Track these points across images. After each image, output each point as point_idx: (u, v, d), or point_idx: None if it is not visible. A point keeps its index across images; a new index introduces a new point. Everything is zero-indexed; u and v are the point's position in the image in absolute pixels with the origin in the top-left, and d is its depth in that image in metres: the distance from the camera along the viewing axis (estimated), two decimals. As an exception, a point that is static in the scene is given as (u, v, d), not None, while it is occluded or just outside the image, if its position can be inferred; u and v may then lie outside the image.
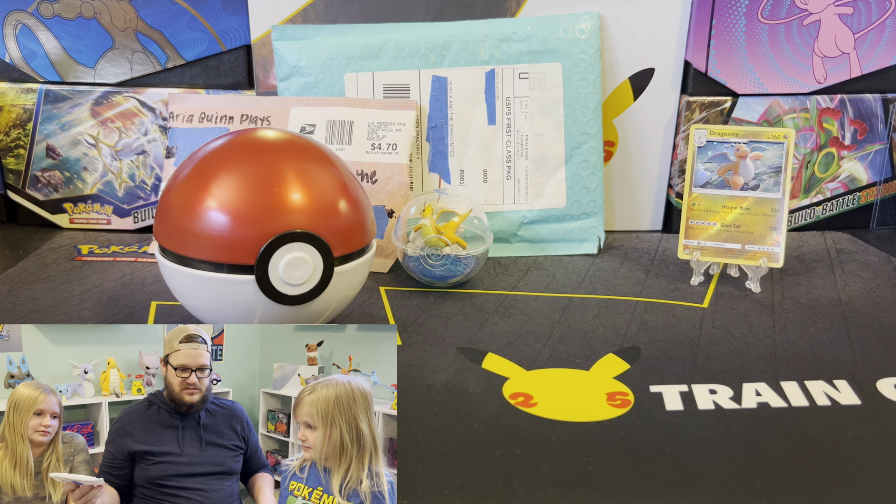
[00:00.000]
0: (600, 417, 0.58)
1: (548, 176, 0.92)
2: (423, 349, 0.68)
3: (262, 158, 0.63)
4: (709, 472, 0.51)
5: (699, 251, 0.83)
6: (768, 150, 0.81)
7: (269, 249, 0.61)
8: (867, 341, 0.71)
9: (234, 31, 0.93)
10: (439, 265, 0.79)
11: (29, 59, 0.94)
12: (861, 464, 0.53)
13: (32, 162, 0.97)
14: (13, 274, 0.84)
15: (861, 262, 0.92)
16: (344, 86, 0.90)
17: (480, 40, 0.90)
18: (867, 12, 0.94)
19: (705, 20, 0.92)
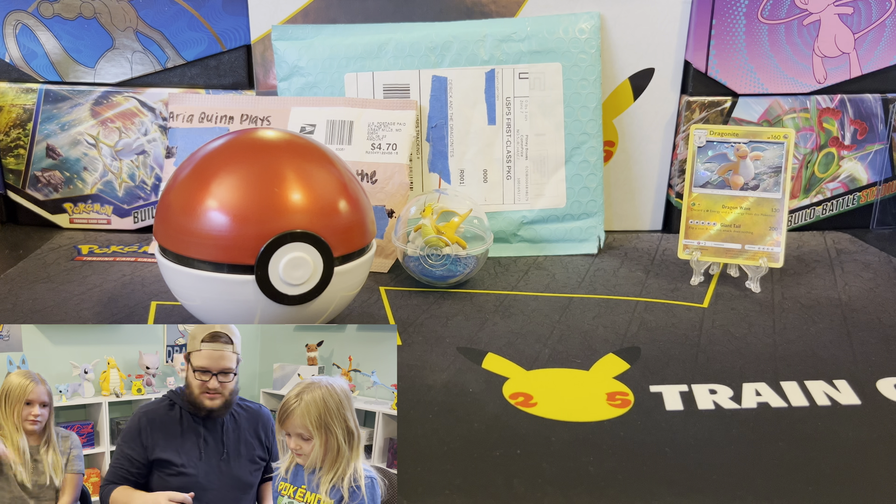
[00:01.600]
0: (600, 417, 0.58)
1: (548, 176, 0.92)
2: (423, 349, 0.68)
3: (262, 158, 0.63)
4: (709, 472, 0.51)
5: (699, 251, 0.83)
6: (768, 150, 0.81)
7: (269, 249, 0.61)
8: (867, 341, 0.71)
9: (234, 31, 0.93)
10: (439, 265, 0.79)
11: (29, 59, 0.94)
12: (861, 464, 0.53)
13: (32, 162, 0.97)
14: (13, 274, 0.84)
15: (861, 262, 0.92)
16: (344, 86, 0.90)
17: (480, 40, 0.90)
18: (867, 12, 0.94)
19: (705, 20, 0.92)
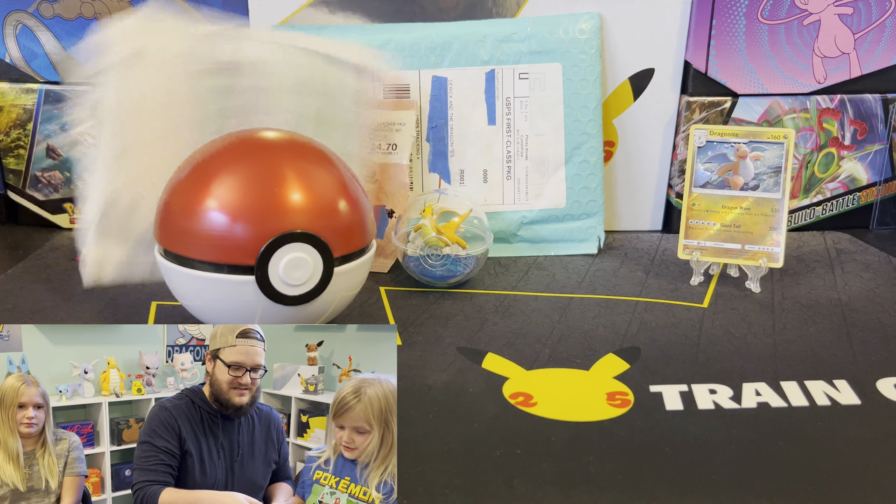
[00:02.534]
0: (600, 417, 0.58)
1: (548, 176, 0.92)
2: (423, 349, 0.68)
3: (262, 158, 0.63)
4: (709, 472, 0.51)
5: (699, 251, 0.83)
6: (768, 150, 0.81)
7: (269, 250, 0.61)
8: (867, 341, 0.71)
9: (234, 32, 0.93)
10: (439, 265, 0.79)
11: (29, 59, 0.94)
12: (861, 464, 0.53)
13: (33, 162, 0.97)
14: (13, 274, 0.84)
15: (861, 262, 0.92)
16: (344, 86, 0.90)
17: (480, 40, 0.90)
18: (867, 12, 0.94)
19: (705, 20, 0.92)
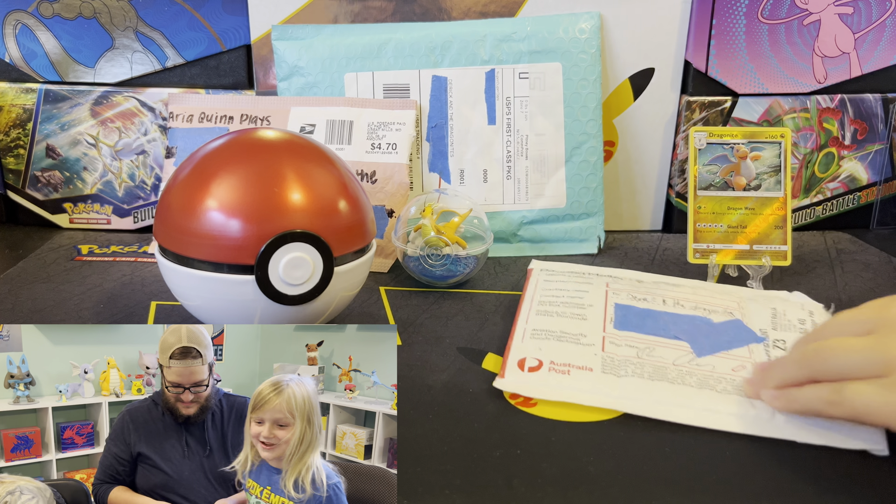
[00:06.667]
0: (600, 417, 0.58)
1: (548, 176, 0.92)
2: (423, 349, 0.68)
3: (262, 158, 0.63)
4: (709, 472, 0.51)
5: (714, 254, 0.82)
6: (766, 149, 0.81)
7: (269, 249, 0.61)
8: (867, 341, 0.71)
9: (234, 31, 0.93)
10: (439, 265, 0.79)
11: (29, 59, 0.94)
12: (861, 464, 0.53)
13: (32, 162, 0.97)
14: (13, 274, 0.84)
15: (861, 262, 0.92)
16: (344, 86, 0.90)
17: (480, 40, 0.90)
18: (867, 12, 0.94)
19: (705, 20, 0.92)
